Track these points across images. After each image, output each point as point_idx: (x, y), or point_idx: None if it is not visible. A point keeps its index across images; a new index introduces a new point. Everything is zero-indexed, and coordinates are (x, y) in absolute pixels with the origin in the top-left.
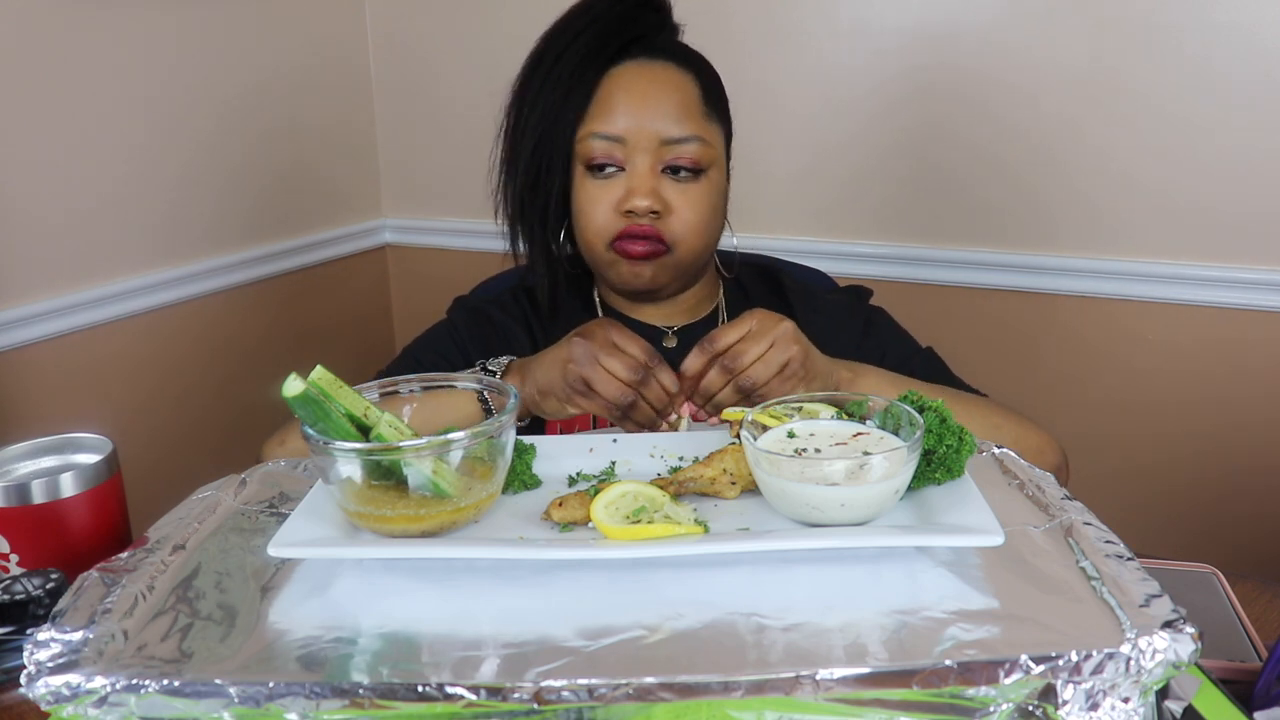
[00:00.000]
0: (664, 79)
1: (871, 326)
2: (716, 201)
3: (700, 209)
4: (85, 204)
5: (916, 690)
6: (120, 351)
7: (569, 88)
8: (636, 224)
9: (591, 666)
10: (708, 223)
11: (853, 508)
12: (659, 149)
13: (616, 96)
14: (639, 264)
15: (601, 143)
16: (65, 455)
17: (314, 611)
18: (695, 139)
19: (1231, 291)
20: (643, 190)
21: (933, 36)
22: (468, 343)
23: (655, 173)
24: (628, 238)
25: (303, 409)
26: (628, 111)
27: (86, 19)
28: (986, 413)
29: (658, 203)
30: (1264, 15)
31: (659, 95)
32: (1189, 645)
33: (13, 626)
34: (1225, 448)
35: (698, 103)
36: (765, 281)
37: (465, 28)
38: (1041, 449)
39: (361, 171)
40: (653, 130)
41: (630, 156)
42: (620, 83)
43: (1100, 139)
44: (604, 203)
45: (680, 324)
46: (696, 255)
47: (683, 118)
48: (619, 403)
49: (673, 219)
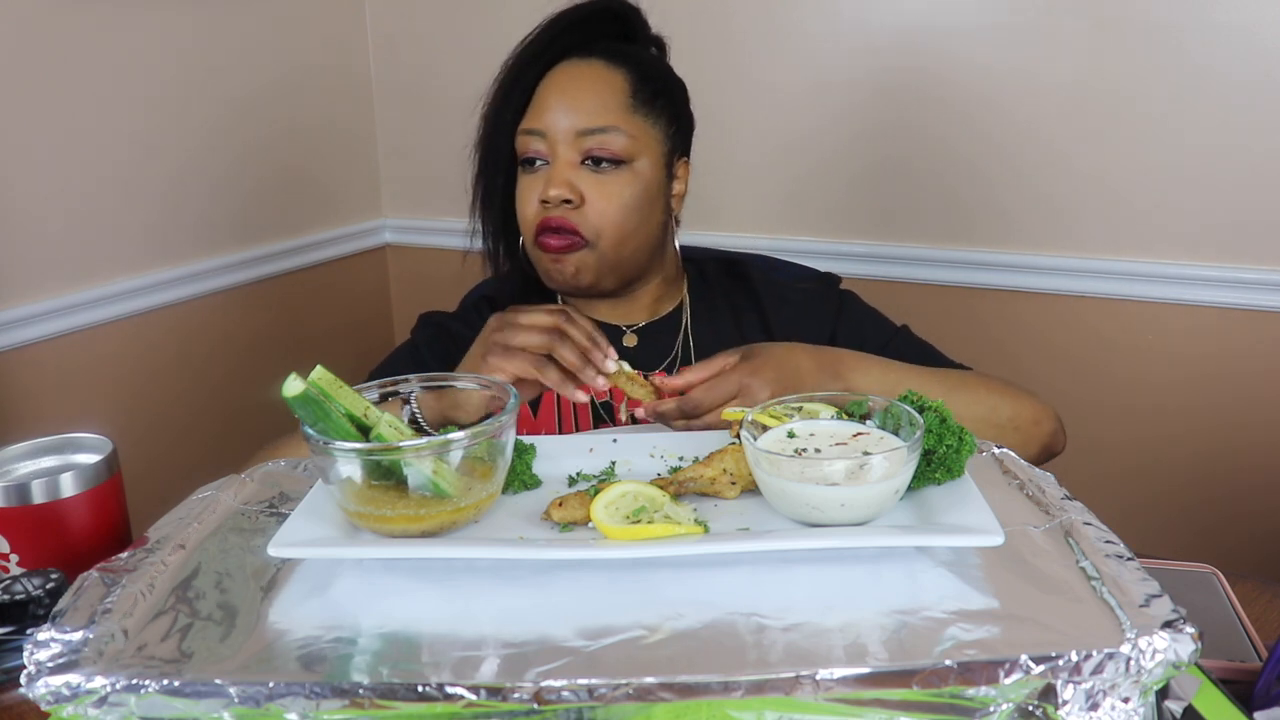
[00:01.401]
0: (588, 75)
1: (846, 313)
2: (640, 194)
3: (618, 200)
4: (85, 204)
5: (916, 690)
6: (120, 351)
7: (509, 89)
8: (551, 215)
9: (591, 666)
10: (627, 214)
11: (853, 508)
12: (576, 140)
13: (544, 94)
14: (558, 258)
15: (527, 138)
16: (65, 455)
17: (314, 611)
18: (613, 130)
19: (1231, 291)
20: (556, 180)
21: (927, 36)
22: (429, 361)
23: (574, 165)
24: (546, 230)
25: (303, 409)
26: (551, 107)
27: (85, 19)
28: (983, 392)
29: (570, 192)
30: (1264, 15)
31: (580, 90)
32: (1189, 645)
33: (13, 626)
34: (1225, 448)
35: (623, 96)
36: (731, 277)
37: (465, 28)
38: (1038, 419)
39: (361, 172)
40: (569, 123)
41: (552, 149)
42: (550, 82)
43: (1098, 139)
44: (529, 195)
45: (641, 322)
46: (617, 249)
47: (601, 110)
48: (539, 347)
49: (588, 210)
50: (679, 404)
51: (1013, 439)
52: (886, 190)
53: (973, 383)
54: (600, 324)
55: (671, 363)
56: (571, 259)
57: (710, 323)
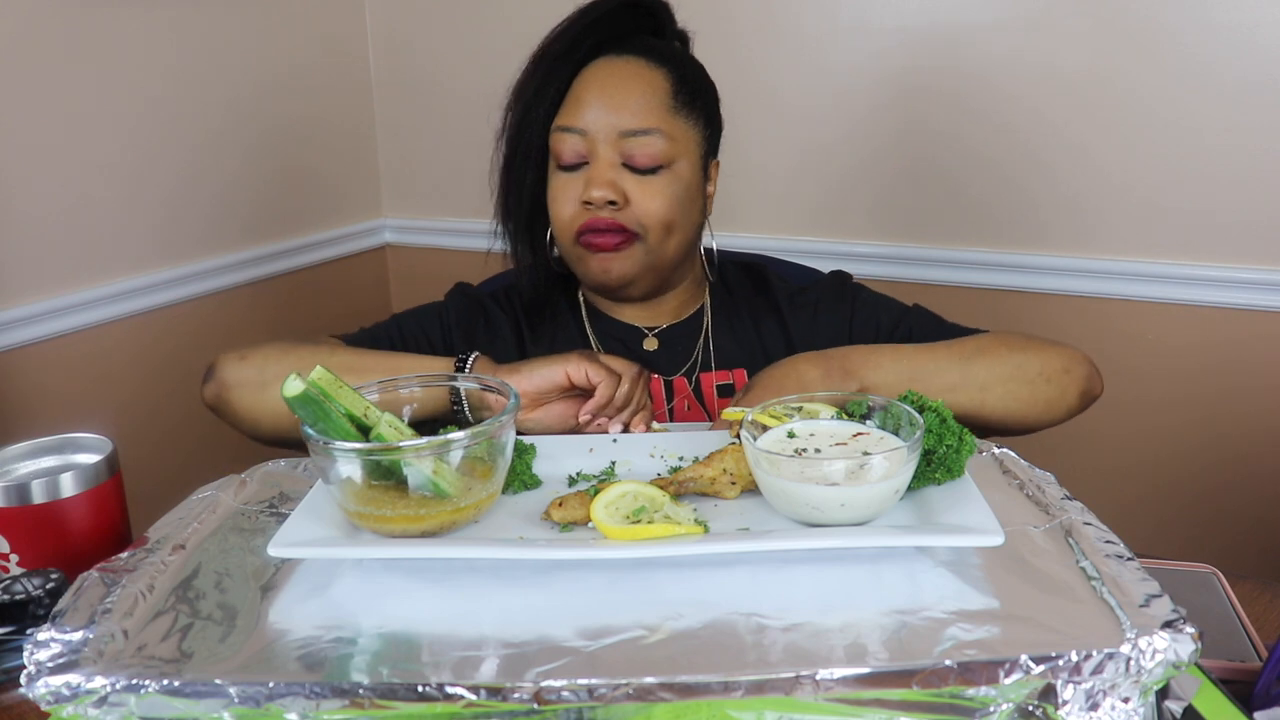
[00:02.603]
0: (629, 73)
1: (859, 306)
2: (681, 195)
3: (661, 200)
4: (85, 204)
5: (916, 690)
6: (120, 351)
7: (542, 84)
8: (597, 216)
9: (591, 666)
10: (672, 212)
11: (853, 508)
12: (618, 141)
13: (583, 91)
14: (606, 257)
15: (565, 136)
16: (65, 455)
17: (314, 611)
18: (656, 132)
19: (1231, 291)
20: (600, 181)
21: (932, 36)
22: (453, 328)
23: (615, 165)
24: (591, 230)
25: (303, 409)
26: (591, 105)
27: (85, 19)
28: (1005, 351)
29: (615, 193)
30: (1264, 15)
31: (622, 89)
32: (1189, 645)
33: (13, 626)
34: (1225, 447)
35: (665, 96)
36: (751, 281)
37: (465, 28)
38: (1068, 366)
39: (361, 171)
40: (612, 122)
41: (593, 149)
42: (588, 78)
43: (1098, 139)
44: (568, 196)
45: (663, 325)
46: (666, 246)
47: (644, 111)
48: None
49: (633, 210)
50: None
51: (1046, 391)
52: (885, 190)
53: (991, 345)
54: (623, 325)
55: (690, 368)
56: (622, 255)
57: (730, 329)
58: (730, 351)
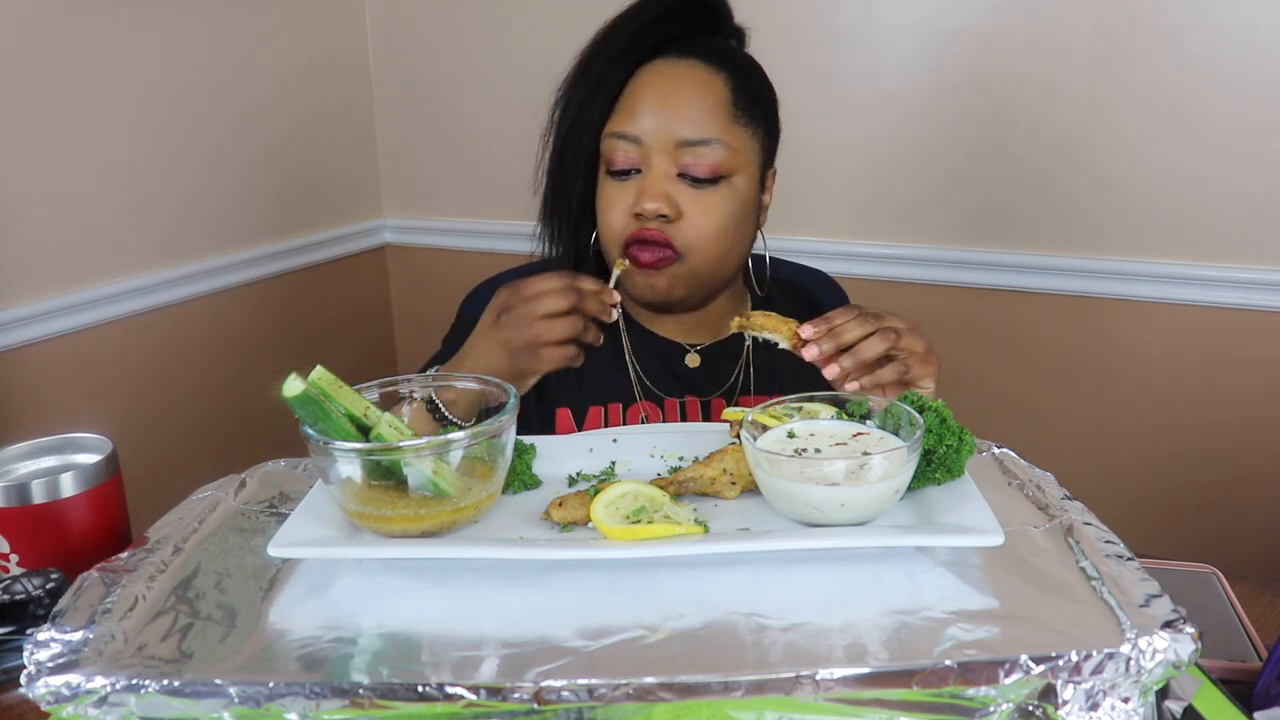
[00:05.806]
0: (689, 78)
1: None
2: (737, 210)
3: (716, 217)
4: (85, 204)
5: (916, 690)
6: (120, 351)
7: (596, 86)
8: (646, 228)
9: (591, 666)
10: (724, 231)
11: (853, 508)
12: (675, 151)
13: (638, 96)
14: (650, 274)
15: (619, 143)
16: (65, 455)
17: (314, 611)
18: (715, 142)
19: (1232, 291)
20: (653, 192)
21: (929, 37)
22: None
23: (670, 176)
24: (637, 243)
25: (303, 409)
26: (647, 112)
27: (88, 20)
28: None
29: (668, 206)
30: (1264, 15)
31: (681, 95)
32: (1189, 645)
33: (13, 626)
34: (1226, 448)
35: (724, 104)
36: (795, 299)
37: (465, 27)
38: None
39: (361, 171)
40: (670, 131)
41: (647, 158)
42: (644, 82)
43: (1100, 140)
44: (620, 205)
45: (705, 342)
46: (711, 266)
47: (703, 119)
48: (575, 335)
49: (684, 224)
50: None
51: None
52: (913, 192)
53: None
54: (662, 340)
55: (731, 389)
56: (664, 274)
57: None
58: (773, 371)
